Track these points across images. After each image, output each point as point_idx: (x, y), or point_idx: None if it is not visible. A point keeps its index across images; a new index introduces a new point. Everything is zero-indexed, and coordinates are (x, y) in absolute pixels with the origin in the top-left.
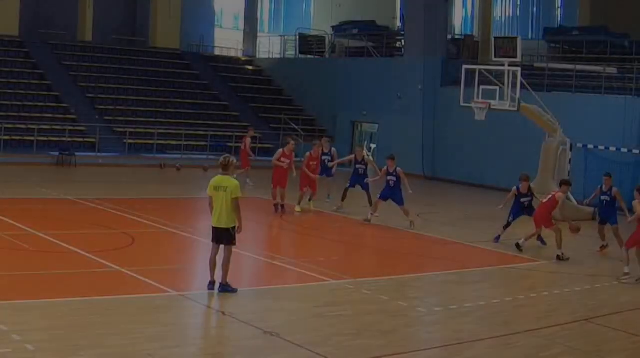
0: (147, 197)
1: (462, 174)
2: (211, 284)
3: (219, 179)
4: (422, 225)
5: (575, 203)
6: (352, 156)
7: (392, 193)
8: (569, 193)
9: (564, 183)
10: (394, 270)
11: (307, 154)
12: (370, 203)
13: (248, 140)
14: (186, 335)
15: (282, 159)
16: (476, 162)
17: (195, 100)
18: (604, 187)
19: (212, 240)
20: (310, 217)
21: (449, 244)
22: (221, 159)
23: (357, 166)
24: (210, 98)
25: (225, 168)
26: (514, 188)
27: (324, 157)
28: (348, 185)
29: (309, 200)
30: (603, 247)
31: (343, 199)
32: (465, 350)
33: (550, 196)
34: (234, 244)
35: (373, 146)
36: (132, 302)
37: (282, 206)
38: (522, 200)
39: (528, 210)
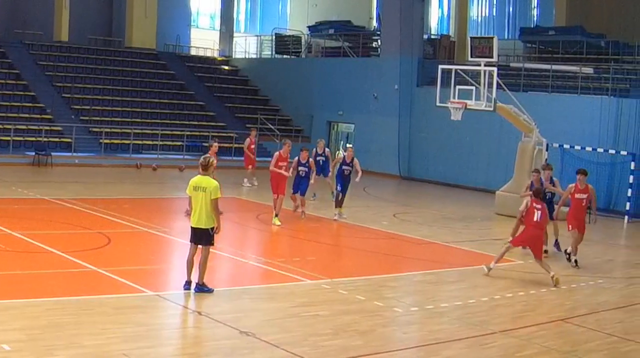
0: (123, 197)
1: (438, 173)
2: (187, 284)
3: (198, 179)
4: (398, 225)
5: None
6: (341, 157)
7: (300, 182)
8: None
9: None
10: (371, 270)
11: (276, 153)
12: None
13: (247, 141)
14: (162, 335)
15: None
16: (452, 162)
17: (171, 100)
18: (545, 178)
19: (191, 240)
20: (286, 218)
21: (426, 244)
22: (201, 159)
23: (344, 167)
24: (186, 98)
25: (205, 168)
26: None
27: (318, 158)
28: (339, 188)
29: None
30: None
31: (340, 206)
32: (442, 350)
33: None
34: (212, 245)
35: (349, 146)
36: (108, 302)
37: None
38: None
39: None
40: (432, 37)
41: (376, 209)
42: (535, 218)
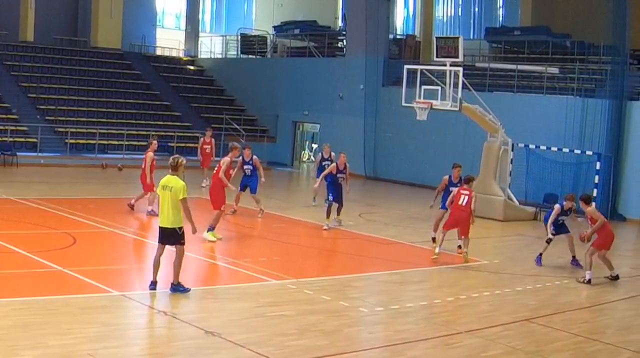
0: (88, 197)
1: (403, 173)
2: (152, 284)
3: (166, 178)
4: (364, 225)
5: (517, 203)
6: (334, 165)
7: (248, 181)
8: (510, 192)
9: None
10: (336, 270)
11: (225, 159)
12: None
13: (200, 141)
14: (127, 335)
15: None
16: (418, 162)
17: (136, 100)
18: (453, 178)
19: (158, 240)
20: (251, 218)
21: (391, 244)
22: (170, 159)
23: (338, 175)
24: (151, 98)
25: (175, 168)
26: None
27: (324, 163)
28: (331, 198)
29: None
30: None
31: (329, 215)
32: (407, 350)
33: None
34: (182, 244)
35: (315, 146)
36: (73, 302)
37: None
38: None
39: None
40: (398, 37)
41: (342, 209)
42: (460, 202)
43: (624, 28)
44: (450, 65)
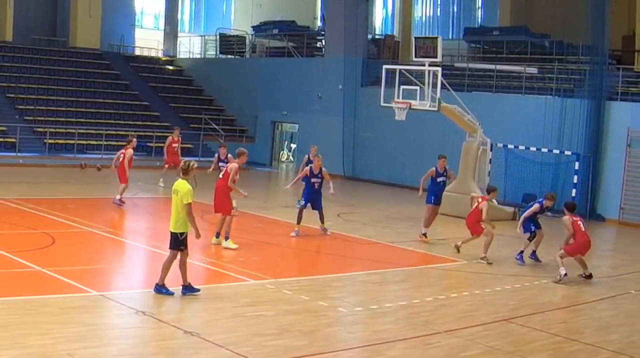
0: (67, 197)
1: (382, 173)
2: (156, 286)
3: (176, 182)
4: (342, 225)
5: (496, 203)
6: (308, 168)
7: None
8: None
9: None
10: (315, 270)
11: (234, 165)
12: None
13: (168, 139)
14: (106, 335)
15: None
16: (396, 162)
17: (115, 100)
18: (439, 168)
19: (169, 245)
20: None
21: (370, 244)
22: (182, 163)
23: (313, 180)
24: (130, 98)
25: (186, 172)
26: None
27: (310, 165)
28: (303, 202)
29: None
30: (425, 235)
31: (300, 220)
32: (386, 350)
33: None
34: (180, 250)
35: (293, 146)
36: (52, 302)
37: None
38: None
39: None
40: (377, 37)
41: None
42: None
43: (603, 28)
44: (429, 65)
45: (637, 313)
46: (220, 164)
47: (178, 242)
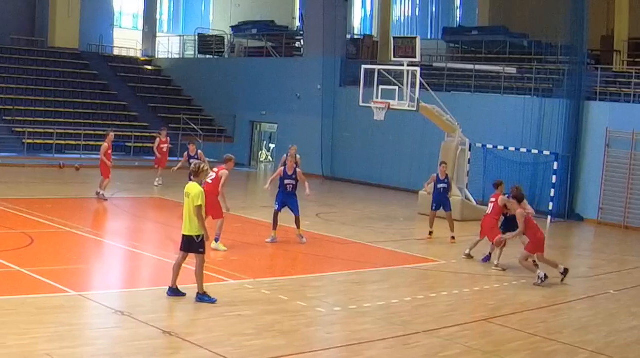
0: (46, 197)
1: (361, 173)
2: (170, 290)
3: (188, 185)
4: (321, 225)
5: (475, 203)
6: (281, 169)
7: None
8: (467, 192)
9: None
10: (294, 270)
11: (225, 171)
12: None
13: (157, 141)
14: (85, 335)
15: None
16: (375, 162)
17: (94, 100)
18: (440, 175)
19: (180, 248)
20: (208, 219)
21: (349, 244)
22: (192, 165)
23: (286, 182)
24: (109, 98)
25: (196, 174)
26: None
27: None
28: (276, 207)
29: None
30: (431, 233)
31: (275, 225)
32: (365, 350)
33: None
34: (201, 253)
35: (272, 146)
36: (31, 302)
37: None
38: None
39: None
40: (355, 37)
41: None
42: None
43: (582, 28)
44: (408, 65)
45: (616, 313)
46: (191, 160)
47: (195, 245)
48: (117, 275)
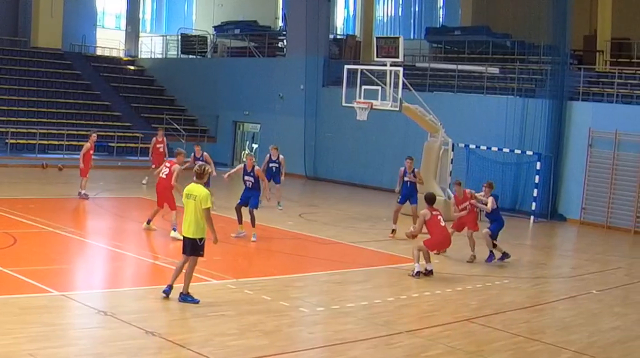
0: (29, 197)
1: (344, 173)
2: (168, 287)
3: (190, 186)
4: (304, 225)
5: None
6: (241, 166)
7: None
8: (450, 192)
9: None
10: (277, 270)
11: (177, 166)
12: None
13: (153, 140)
14: (68, 335)
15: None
16: (358, 162)
17: (77, 100)
18: (407, 168)
19: (182, 250)
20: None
21: (332, 244)
22: (196, 167)
23: (245, 178)
24: (92, 98)
25: (200, 176)
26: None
27: (272, 165)
28: (239, 201)
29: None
30: (394, 231)
31: (240, 220)
32: (348, 350)
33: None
34: (199, 255)
35: (255, 146)
36: (14, 302)
37: None
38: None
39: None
40: (338, 37)
41: (277, 209)
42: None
43: (564, 28)
44: (391, 65)
45: (599, 313)
46: (197, 161)
47: (198, 248)
48: (100, 275)
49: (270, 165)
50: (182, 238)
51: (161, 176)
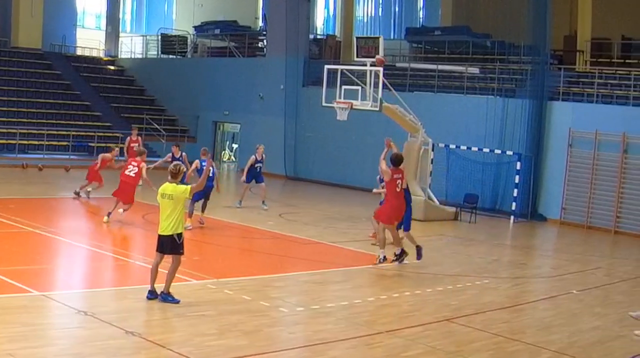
0: (9, 197)
1: (323, 173)
2: (150, 293)
3: (165, 186)
4: (284, 225)
5: (437, 203)
6: (197, 161)
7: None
8: (430, 193)
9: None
10: (256, 270)
11: (144, 165)
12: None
13: (127, 140)
14: (48, 335)
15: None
16: (338, 162)
17: (57, 100)
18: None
19: (157, 249)
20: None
21: (312, 244)
22: (171, 166)
23: (256, 164)
24: (72, 98)
25: (174, 176)
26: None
27: (257, 164)
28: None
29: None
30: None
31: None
32: (328, 350)
33: None
34: (180, 253)
35: (235, 146)
36: None
37: None
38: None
39: None
40: (318, 37)
41: (262, 209)
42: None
43: (544, 28)
44: (371, 65)
45: (579, 313)
46: (174, 161)
47: (177, 246)
48: (80, 275)
49: (256, 165)
50: (107, 221)
51: (129, 174)
